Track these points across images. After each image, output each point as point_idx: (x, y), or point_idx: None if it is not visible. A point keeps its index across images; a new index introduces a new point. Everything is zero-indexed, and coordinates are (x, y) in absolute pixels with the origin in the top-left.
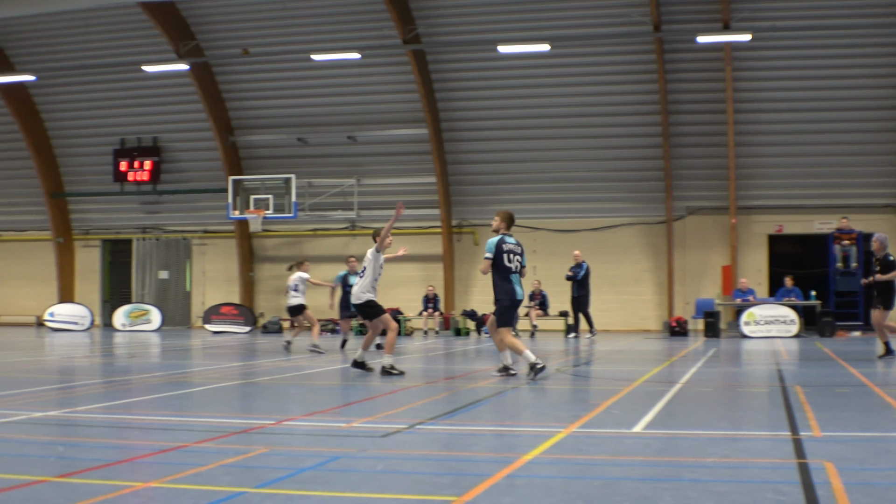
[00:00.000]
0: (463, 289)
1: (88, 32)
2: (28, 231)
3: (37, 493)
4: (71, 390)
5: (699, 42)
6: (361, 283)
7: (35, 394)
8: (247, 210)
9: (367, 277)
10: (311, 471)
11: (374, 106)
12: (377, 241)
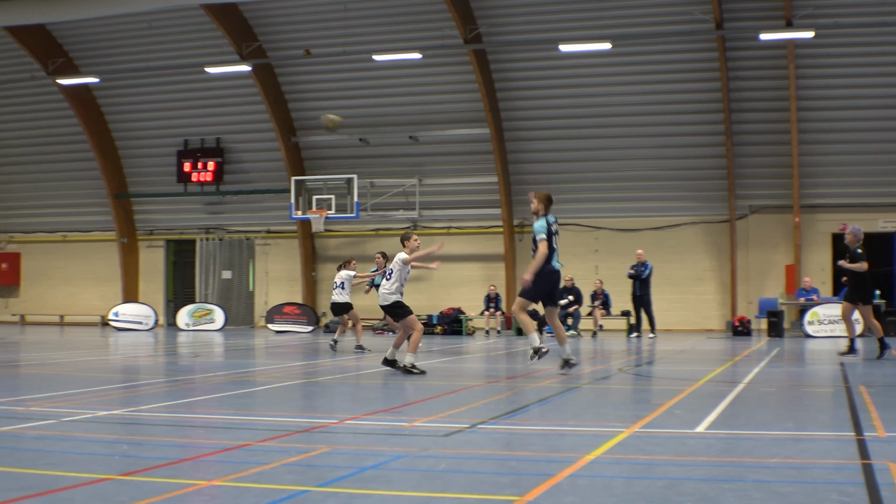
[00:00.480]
0: None
1: (152, 35)
2: (93, 231)
3: (101, 490)
4: (135, 389)
5: (761, 39)
6: (388, 285)
7: (100, 393)
8: (309, 210)
9: (394, 281)
10: (373, 470)
11: (435, 106)
12: (406, 245)
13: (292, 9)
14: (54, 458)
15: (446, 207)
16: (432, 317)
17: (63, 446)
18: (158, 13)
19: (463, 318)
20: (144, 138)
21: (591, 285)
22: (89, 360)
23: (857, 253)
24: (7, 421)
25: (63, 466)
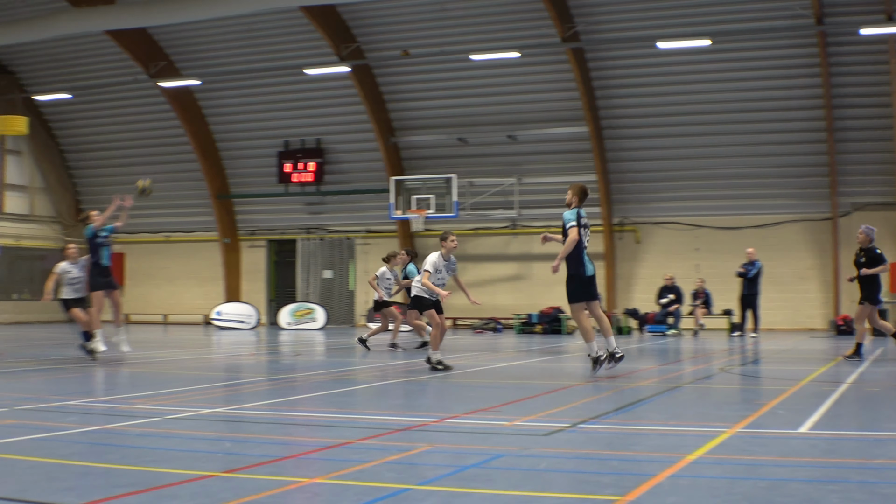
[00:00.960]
0: (625, 287)
1: (251, 37)
2: (195, 232)
3: (204, 487)
4: (237, 387)
5: (862, 34)
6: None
7: (203, 391)
8: (408, 210)
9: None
10: (474, 468)
11: (533, 105)
12: (442, 245)
13: (390, 9)
14: (158, 455)
15: (545, 206)
16: (532, 316)
17: (167, 444)
18: (257, 15)
19: (562, 318)
20: (245, 140)
21: (692, 284)
22: (192, 359)
23: (876, 253)
24: (112, 418)
25: (167, 463)
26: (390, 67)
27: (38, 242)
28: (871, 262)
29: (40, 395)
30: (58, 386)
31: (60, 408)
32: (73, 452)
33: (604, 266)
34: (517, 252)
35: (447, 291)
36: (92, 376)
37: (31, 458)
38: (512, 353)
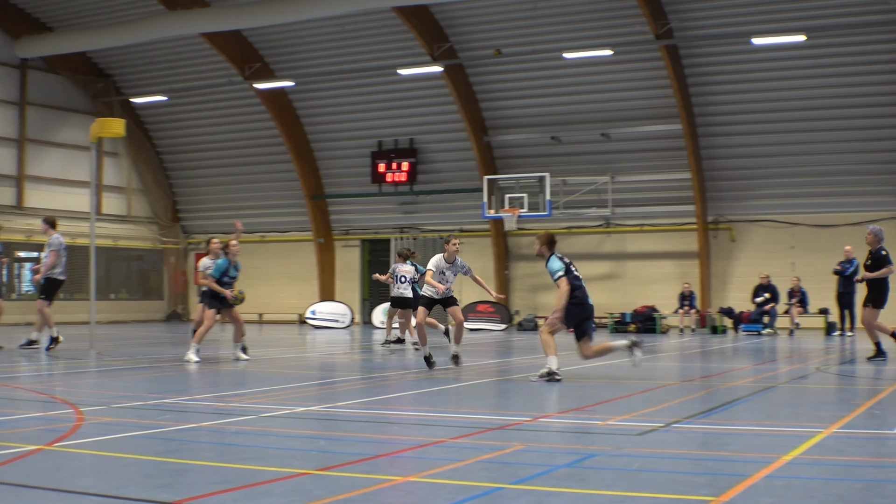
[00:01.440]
0: (720, 286)
1: (345, 38)
2: (290, 232)
3: (299, 485)
4: (332, 386)
5: None
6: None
7: (298, 389)
8: (501, 209)
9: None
10: (567, 468)
11: (626, 102)
12: (445, 247)
13: (482, 9)
14: (253, 452)
15: (639, 204)
16: (625, 315)
17: (262, 441)
18: (351, 16)
19: (657, 317)
20: (339, 140)
21: (788, 282)
22: (287, 358)
23: (881, 255)
24: (208, 416)
25: (261, 461)
26: (483, 66)
27: (135, 243)
28: (875, 263)
29: (137, 393)
30: (154, 384)
31: (157, 406)
32: (169, 450)
33: (698, 265)
34: (610, 251)
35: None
36: (188, 375)
37: (128, 456)
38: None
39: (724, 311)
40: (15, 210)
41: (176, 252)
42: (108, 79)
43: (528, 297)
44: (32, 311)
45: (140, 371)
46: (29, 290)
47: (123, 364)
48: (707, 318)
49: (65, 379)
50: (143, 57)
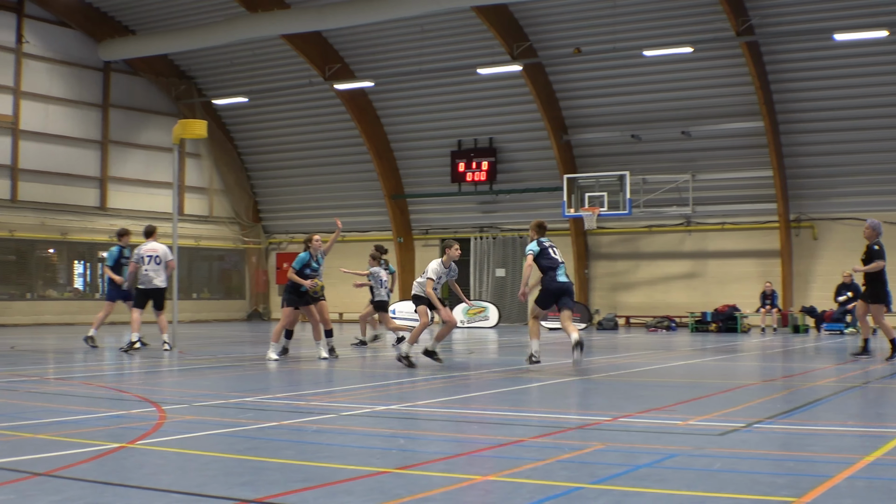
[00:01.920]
0: (802, 285)
1: (424, 38)
2: (370, 232)
3: (379, 483)
4: (411, 385)
5: None
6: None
7: (378, 388)
8: (581, 208)
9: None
10: (647, 468)
11: (707, 100)
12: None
13: (562, 7)
14: (333, 451)
15: (720, 203)
16: (706, 314)
17: (342, 440)
18: (430, 16)
19: (738, 316)
20: (419, 140)
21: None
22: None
23: (873, 249)
24: (288, 415)
25: (342, 459)
26: (562, 65)
27: (217, 243)
28: (868, 258)
29: (218, 391)
30: (235, 383)
31: (238, 404)
32: (250, 448)
33: (779, 263)
34: (691, 249)
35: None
36: (269, 374)
37: (209, 454)
38: (686, 351)
39: (805, 310)
40: (98, 211)
41: (257, 252)
42: (189, 81)
43: (609, 296)
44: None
45: (221, 370)
46: None
47: (205, 363)
48: (789, 317)
49: (147, 378)
50: (224, 58)
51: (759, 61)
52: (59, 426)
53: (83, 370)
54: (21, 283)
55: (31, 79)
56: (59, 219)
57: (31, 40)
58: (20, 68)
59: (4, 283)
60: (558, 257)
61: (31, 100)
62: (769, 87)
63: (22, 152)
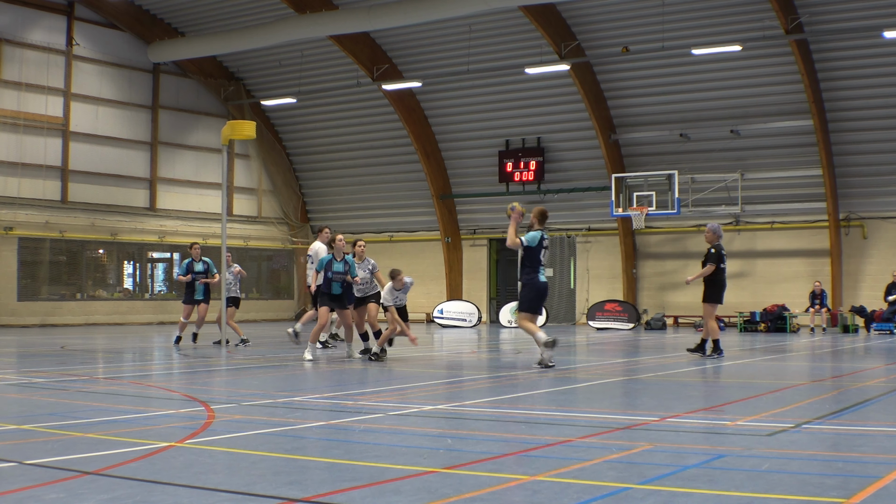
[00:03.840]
0: (851, 284)
1: (471, 38)
2: (418, 231)
3: (426, 483)
4: (459, 385)
5: None
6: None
7: (425, 388)
8: (629, 207)
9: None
10: (695, 468)
11: (756, 98)
12: (393, 281)
13: (609, 6)
14: (381, 450)
15: (769, 202)
16: (755, 314)
17: (390, 439)
18: (477, 16)
19: (787, 315)
20: (466, 140)
21: None
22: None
23: (709, 253)
24: (336, 414)
25: (389, 459)
26: (610, 64)
27: (266, 243)
28: (705, 260)
29: (267, 391)
30: (284, 382)
31: (286, 404)
32: (298, 447)
33: (829, 263)
34: (740, 249)
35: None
36: (317, 373)
37: (257, 453)
38: (734, 351)
39: (855, 309)
40: (148, 212)
41: (305, 252)
42: (238, 82)
43: (657, 295)
44: (165, 312)
45: (270, 369)
46: (161, 290)
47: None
48: (838, 316)
49: (196, 377)
50: (272, 60)
51: (809, 59)
52: (109, 425)
53: (132, 370)
54: (71, 283)
55: (82, 81)
56: (108, 219)
57: (81, 43)
58: (70, 70)
59: (55, 284)
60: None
61: (81, 102)
62: (818, 85)
63: (72, 154)
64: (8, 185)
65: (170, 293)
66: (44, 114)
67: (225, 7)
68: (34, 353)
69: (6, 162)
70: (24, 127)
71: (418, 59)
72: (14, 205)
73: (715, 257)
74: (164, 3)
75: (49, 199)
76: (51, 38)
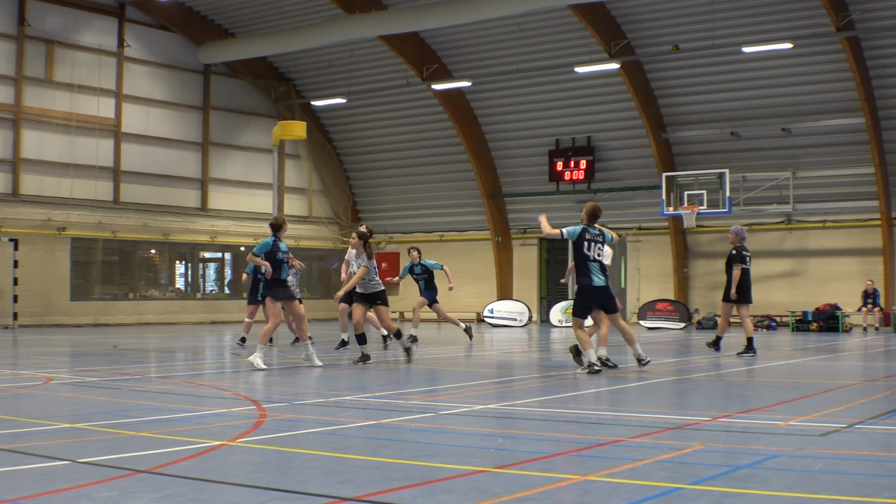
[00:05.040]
0: None
1: (520, 37)
2: (468, 231)
3: (477, 482)
4: (509, 384)
5: None
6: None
7: (476, 387)
8: (680, 206)
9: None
10: (747, 469)
11: (807, 96)
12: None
13: (659, 4)
14: (432, 449)
15: (821, 200)
16: (807, 313)
17: (441, 438)
18: (527, 15)
19: (839, 315)
20: (516, 139)
21: None
22: (465, 356)
23: (731, 254)
24: (388, 413)
25: (440, 458)
26: (660, 62)
27: (316, 243)
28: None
29: (318, 390)
30: (335, 382)
31: (337, 403)
32: (350, 446)
33: (881, 262)
34: (792, 248)
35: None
36: (367, 373)
37: (309, 452)
38: (787, 351)
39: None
40: (199, 212)
41: None
42: (288, 82)
43: (708, 295)
44: (216, 311)
45: (321, 369)
46: (213, 289)
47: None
48: (891, 316)
49: (247, 376)
50: (322, 60)
51: (860, 57)
52: (161, 424)
53: (184, 369)
54: (124, 283)
55: (133, 82)
56: (160, 220)
57: (132, 44)
58: (122, 72)
59: (107, 284)
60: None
61: (132, 103)
62: (870, 83)
63: (124, 154)
64: (61, 185)
65: (221, 293)
66: (96, 115)
67: (275, 8)
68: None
69: (59, 163)
70: (77, 128)
71: (468, 59)
72: (67, 205)
73: (738, 258)
74: (215, 5)
75: (101, 199)
76: (102, 39)
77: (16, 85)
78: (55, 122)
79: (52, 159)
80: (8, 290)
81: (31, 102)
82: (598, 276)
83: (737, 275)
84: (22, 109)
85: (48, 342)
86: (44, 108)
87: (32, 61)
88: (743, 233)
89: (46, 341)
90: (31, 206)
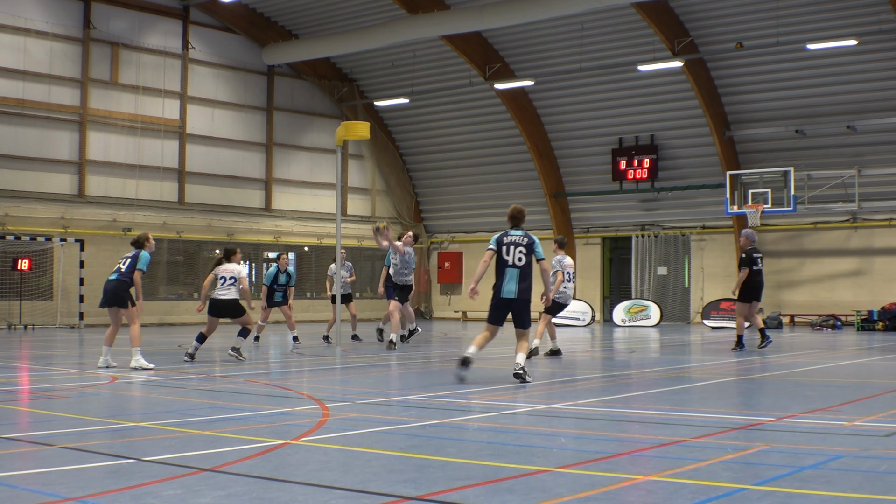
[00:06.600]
0: None
1: (583, 36)
2: (531, 230)
3: (540, 482)
4: (572, 384)
5: None
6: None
7: (538, 387)
8: (745, 205)
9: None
10: (812, 469)
11: (873, 93)
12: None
13: (723, 1)
14: (494, 449)
15: (887, 198)
16: (873, 312)
17: (503, 438)
18: (589, 14)
19: None
20: (579, 138)
21: None
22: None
23: (741, 258)
24: (451, 413)
25: (502, 458)
26: (724, 60)
27: None
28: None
29: (381, 389)
30: (398, 381)
31: (400, 402)
32: (412, 445)
33: None
34: (858, 246)
35: None
36: (431, 372)
37: (372, 451)
38: (852, 350)
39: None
40: (263, 212)
41: (419, 251)
42: (351, 83)
43: (773, 294)
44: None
45: (384, 368)
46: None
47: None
48: None
49: (311, 375)
50: (385, 60)
51: None
52: (225, 423)
53: (248, 368)
54: (188, 283)
55: (197, 84)
56: (225, 220)
57: (196, 46)
58: (186, 74)
59: (173, 284)
60: (511, 258)
61: (197, 104)
62: None
63: (189, 156)
64: (126, 187)
65: None
66: (161, 116)
67: (338, 9)
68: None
69: (124, 164)
70: (142, 130)
71: (530, 58)
72: (132, 206)
73: (746, 261)
74: (279, 6)
75: (166, 200)
76: (167, 42)
77: (82, 87)
78: (121, 123)
79: (117, 160)
80: (74, 290)
81: (97, 104)
82: (509, 284)
83: (742, 277)
84: (88, 111)
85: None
86: (109, 109)
87: (98, 64)
88: (753, 236)
89: None
90: (96, 207)
